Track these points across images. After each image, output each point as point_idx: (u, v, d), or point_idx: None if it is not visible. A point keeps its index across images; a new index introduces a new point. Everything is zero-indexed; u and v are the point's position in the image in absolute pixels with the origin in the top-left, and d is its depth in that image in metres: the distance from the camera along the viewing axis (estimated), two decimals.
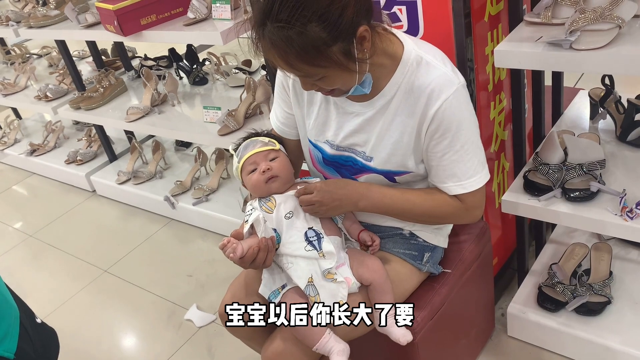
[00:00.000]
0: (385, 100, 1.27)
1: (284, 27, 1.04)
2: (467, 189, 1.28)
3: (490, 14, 1.55)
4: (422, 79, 1.22)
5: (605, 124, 1.83)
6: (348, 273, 1.31)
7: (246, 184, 1.39)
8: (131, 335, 2.31)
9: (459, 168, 1.26)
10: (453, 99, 1.20)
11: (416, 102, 1.23)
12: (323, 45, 1.07)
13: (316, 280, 1.27)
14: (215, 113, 2.46)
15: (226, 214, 2.63)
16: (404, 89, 1.24)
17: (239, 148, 1.42)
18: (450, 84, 1.21)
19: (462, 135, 1.23)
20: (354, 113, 1.31)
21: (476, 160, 1.27)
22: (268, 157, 1.37)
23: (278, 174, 1.35)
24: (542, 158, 1.59)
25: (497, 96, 1.70)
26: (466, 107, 1.24)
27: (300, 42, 1.05)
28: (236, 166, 1.40)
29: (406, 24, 1.48)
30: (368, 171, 1.35)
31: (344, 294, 1.28)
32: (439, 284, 1.47)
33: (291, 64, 1.10)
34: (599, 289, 1.67)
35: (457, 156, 1.24)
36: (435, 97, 1.20)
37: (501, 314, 1.92)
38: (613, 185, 1.51)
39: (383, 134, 1.29)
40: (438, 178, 1.29)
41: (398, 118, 1.27)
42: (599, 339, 1.62)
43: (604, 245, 1.81)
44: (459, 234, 1.59)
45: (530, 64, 1.39)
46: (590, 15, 1.28)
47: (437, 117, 1.21)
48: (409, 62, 1.23)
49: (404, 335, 1.30)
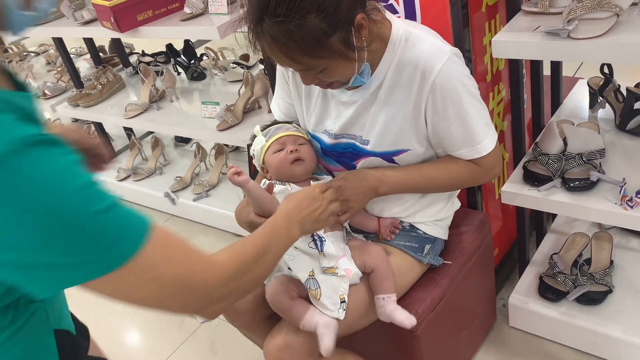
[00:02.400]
0: (378, 82, 1.27)
1: (283, 22, 1.04)
2: (481, 152, 1.29)
3: (487, 4, 1.55)
4: (412, 51, 1.21)
5: (604, 113, 1.82)
6: (348, 264, 1.31)
7: (269, 164, 1.38)
8: (134, 331, 2.32)
9: (469, 134, 1.26)
10: (447, 68, 1.19)
11: (410, 77, 1.22)
12: (323, 36, 1.07)
13: (317, 274, 1.28)
14: (213, 108, 2.46)
15: (227, 209, 2.63)
16: (395, 66, 1.24)
17: (270, 128, 1.42)
18: (441, 52, 1.20)
19: (464, 101, 1.22)
20: (349, 101, 1.31)
21: (482, 122, 1.27)
22: (297, 141, 1.39)
23: (304, 158, 1.36)
24: (542, 148, 1.58)
25: (496, 87, 1.69)
26: (462, 72, 1.23)
27: (301, 34, 1.05)
28: (262, 144, 1.40)
29: (403, 14, 1.48)
30: (366, 155, 1.34)
31: (345, 287, 1.29)
32: (439, 275, 1.47)
33: (293, 57, 1.10)
34: (600, 278, 1.67)
35: (464, 123, 1.24)
36: (429, 70, 1.19)
37: (502, 305, 1.92)
38: (613, 174, 1.51)
39: (377, 115, 1.29)
40: (450, 148, 1.29)
41: (392, 97, 1.26)
42: (600, 328, 1.63)
43: (605, 235, 1.81)
44: (459, 226, 1.59)
45: (529, 53, 1.38)
46: (588, 4, 1.27)
47: (435, 90, 1.20)
48: (397, 39, 1.23)
49: (408, 317, 1.31)
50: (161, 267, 0.72)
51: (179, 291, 0.75)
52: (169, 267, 0.73)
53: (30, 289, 0.67)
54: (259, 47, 1.13)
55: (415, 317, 1.37)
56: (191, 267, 0.76)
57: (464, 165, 1.31)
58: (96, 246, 0.65)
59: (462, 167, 1.31)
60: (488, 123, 1.29)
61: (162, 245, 0.73)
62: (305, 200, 1.14)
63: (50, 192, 0.62)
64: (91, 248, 0.65)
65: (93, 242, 0.65)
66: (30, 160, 0.60)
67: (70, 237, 0.63)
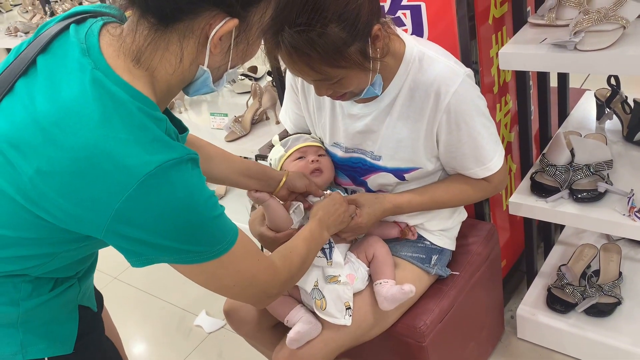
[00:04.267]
0: (390, 98, 1.27)
1: (305, 30, 1.04)
2: (492, 170, 1.31)
3: (494, 17, 1.56)
4: (427, 74, 1.23)
5: (611, 125, 1.82)
6: (351, 271, 1.32)
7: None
8: (141, 341, 2.32)
9: (480, 153, 1.28)
10: (461, 90, 1.21)
11: (424, 98, 1.24)
12: (343, 46, 1.08)
13: (321, 284, 1.28)
14: (222, 119, 2.47)
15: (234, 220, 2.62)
16: (409, 86, 1.25)
17: (289, 138, 1.44)
18: (455, 75, 1.22)
19: (476, 122, 1.24)
20: (359, 114, 1.32)
21: (492, 140, 1.29)
22: (318, 152, 1.42)
23: (323, 169, 1.39)
24: (549, 159, 1.58)
25: (503, 98, 1.70)
26: (475, 93, 1.25)
27: (322, 43, 1.06)
28: (282, 154, 1.42)
29: (410, 27, 1.49)
30: (377, 170, 1.35)
31: (349, 295, 1.29)
32: (447, 286, 1.47)
33: (313, 67, 1.10)
34: (608, 289, 1.66)
35: (475, 142, 1.26)
36: (443, 92, 1.21)
37: (510, 316, 1.91)
38: (620, 185, 1.51)
39: (390, 132, 1.30)
40: (461, 166, 1.31)
41: (405, 115, 1.27)
42: (609, 340, 1.62)
43: (613, 246, 1.80)
44: (467, 236, 1.59)
45: (536, 65, 1.39)
46: (594, 16, 1.28)
47: (449, 111, 1.22)
48: (411, 58, 1.24)
49: (406, 286, 1.30)
50: (242, 264, 0.93)
51: (249, 284, 0.96)
52: (247, 264, 0.94)
53: (133, 260, 0.86)
54: (276, 58, 1.13)
55: (423, 328, 1.37)
56: (260, 267, 0.97)
57: (475, 184, 1.34)
58: (208, 240, 0.86)
59: (473, 187, 1.34)
60: (497, 140, 1.31)
61: (244, 248, 0.94)
62: (333, 206, 1.27)
63: (190, 197, 0.82)
64: (205, 241, 0.86)
65: (207, 237, 0.86)
66: (181, 173, 0.81)
67: (194, 231, 0.84)
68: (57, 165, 0.77)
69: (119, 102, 0.79)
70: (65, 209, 0.80)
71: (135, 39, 0.83)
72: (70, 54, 0.82)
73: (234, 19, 0.82)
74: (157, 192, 0.78)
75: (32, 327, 0.94)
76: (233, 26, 0.82)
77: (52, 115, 0.78)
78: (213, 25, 0.81)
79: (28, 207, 0.81)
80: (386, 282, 1.31)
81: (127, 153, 0.77)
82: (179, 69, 0.84)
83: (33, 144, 0.78)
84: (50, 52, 0.85)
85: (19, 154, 0.79)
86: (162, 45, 0.82)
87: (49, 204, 0.80)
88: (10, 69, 0.85)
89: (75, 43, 0.83)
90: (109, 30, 0.86)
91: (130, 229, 0.80)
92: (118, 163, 0.76)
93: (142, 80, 0.83)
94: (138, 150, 0.77)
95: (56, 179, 0.77)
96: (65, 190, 0.78)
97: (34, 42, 0.87)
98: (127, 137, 0.77)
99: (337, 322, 1.27)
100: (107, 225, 0.79)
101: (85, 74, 0.79)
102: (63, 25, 0.87)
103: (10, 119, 0.81)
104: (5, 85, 0.84)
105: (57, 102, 0.79)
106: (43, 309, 0.94)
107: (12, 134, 0.80)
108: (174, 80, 0.86)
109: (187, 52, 0.83)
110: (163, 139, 0.81)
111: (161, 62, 0.83)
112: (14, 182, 0.80)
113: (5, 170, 0.80)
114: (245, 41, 0.87)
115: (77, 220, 0.81)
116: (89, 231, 0.82)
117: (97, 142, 0.76)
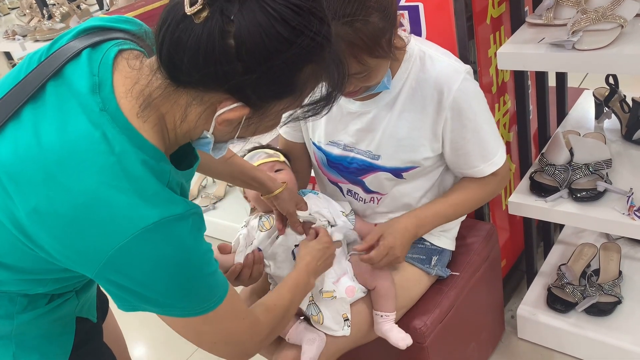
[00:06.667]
0: (391, 96, 1.27)
1: (351, 21, 1.04)
2: (497, 165, 1.31)
3: (492, 17, 1.56)
4: (429, 72, 1.23)
5: (610, 124, 1.82)
6: (350, 282, 1.30)
7: (249, 196, 1.39)
8: (142, 344, 2.32)
9: (485, 148, 1.29)
10: (463, 88, 1.22)
11: (426, 97, 1.24)
12: (382, 34, 1.08)
13: (316, 298, 1.27)
14: None
15: (233, 222, 2.63)
16: (410, 85, 1.25)
17: (245, 157, 1.41)
18: (456, 73, 1.22)
19: (479, 116, 1.25)
20: (357, 112, 1.31)
21: (495, 135, 1.30)
22: (273, 168, 1.36)
23: None
24: (548, 159, 1.59)
25: (502, 98, 1.70)
26: (476, 89, 1.26)
27: (367, 31, 1.05)
28: None
29: (408, 28, 1.49)
30: (375, 170, 1.35)
31: (346, 307, 1.29)
32: (447, 287, 1.47)
33: (357, 57, 1.08)
34: (608, 289, 1.66)
35: (480, 138, 1.27)
36: (446, 91, 1.21)
37: (511, 316, 1.91)
38: (620, 184, 1.51)
39: (390, 131, 1.29)
40: (467, 164, 1.31)
41: (406, 114, 1.27)
42: (610, 339, 1.62)
43: (613, 245, 1.80)
44: (466, 237, 1.59)
45: (534, 65, 1.39)
46: (592, 16, 1.28)
47: (452, 109, 1.22)
48: (412, 57, 1.24)
49: (403, 339, 1.29)
50: (226, 322, 0.91)
51: (230, 342, 0.94)
52: (231, 323, 0.92)
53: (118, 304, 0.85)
54: None
55: (424, 328, 1.37)
56: (244, 326, 0.95)
57: (483, 182, 1.33)
58: (196, 298, 0.84)
59: (482, 184, 1.34)
60: (498, 135, 1.32)
61: (232, 305, 0.91)
62: (320, 251, 1.23)
63: (184, 255, 0.80)
64: (193, 298, 0.84)
65: (196, 295, 0.84)
66: (179, 230, 0.79)
67: (184, 289, 0.82)
68: (54, 207, 0.75)
69: (123, 151, 0.77)
70: (58, 250, 0.79)
71: (150, 82, 0.79)
72: (81, 88, 0.79)
73: (245, 108, 0.78)
74: (151, 247, 0.77)
75: (25, 339, 0.93)
76: (242, 115, 0.78)
77: (55, 153, 0.76)
78: (223, 105, 0.78)
79: (23, 240, 0.80)
80: (387, 316, 1.30)
81: (126, 204, 0.75)
82: (184, 124, 0.81)
83: (33, 181, 0.76)
84: (61, 79, 0.81)
85: (17, 188, 0.77)
86: (172, 98, 0.79)
87: (42, 242, 0.79)
88: (20, 88, 0.81)
89: (87, 75, 0.80)
90: (127, 60, 0.82)
91: (119, 277, 0.79)
92: (116, 213, 0.75)
93: (151, 126, 0.80)
94: (138, 202, 0.76)
95: (52, 221, 0.76)
96: (59, 233, 0.77)
97: (46, 61, 0.83)
98: (128, 187, 0.76)
99: (336, 334, 1.27)
100: (97, 270, 0.78)
101: (93, 115, 0.77)
102: (77, 50, 0.82)
103: (14, 149, 0.78)
104: (12, 107, 0.80)
105: (61, 140, 0.76)
106: (38, 322, 0.94)
107: (14, 167, 0.77)
108: (180, 132, 0.83)
109: (193, 115, 0.80)
110: (165, 192, 0.79)
111: (169, 112, 0.80)
112: (11, 215, 0.78)
113: (4, 202, 0.78)
114: (257, 124, 0.83)
115: (69, 261, 0.80)
116: (81, 271, 0.81)
117: (98, 189, 0.75)
